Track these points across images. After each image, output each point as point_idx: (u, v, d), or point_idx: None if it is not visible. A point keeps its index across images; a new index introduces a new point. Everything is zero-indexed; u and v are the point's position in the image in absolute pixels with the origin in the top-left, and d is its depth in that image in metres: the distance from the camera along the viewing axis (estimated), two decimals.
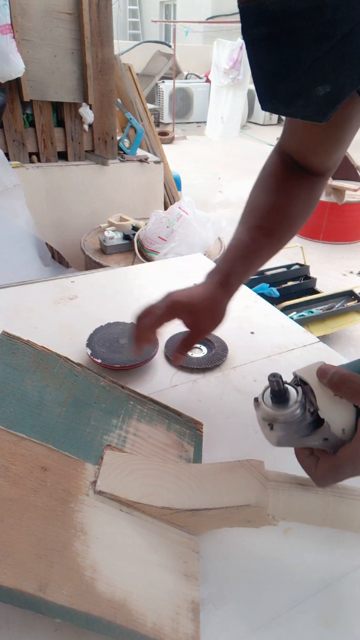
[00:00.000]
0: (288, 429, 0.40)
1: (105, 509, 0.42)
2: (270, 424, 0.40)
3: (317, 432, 0.39)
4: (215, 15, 9.79)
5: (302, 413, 0.40)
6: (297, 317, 2.33)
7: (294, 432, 0.40)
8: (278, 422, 0.40)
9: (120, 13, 10.92)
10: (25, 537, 0.37)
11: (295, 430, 0.40)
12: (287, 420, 0.40)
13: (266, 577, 0.45)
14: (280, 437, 0.40)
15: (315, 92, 0.38)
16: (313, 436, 0.40)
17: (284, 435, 0.40)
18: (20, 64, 1.86)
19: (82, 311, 0.88)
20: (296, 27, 0.34)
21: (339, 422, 0.39)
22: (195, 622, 0.39)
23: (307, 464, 0.42)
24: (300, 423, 0.40)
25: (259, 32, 0.36)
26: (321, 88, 0.37)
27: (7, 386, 0.52)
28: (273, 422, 0.40)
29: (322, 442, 0.40)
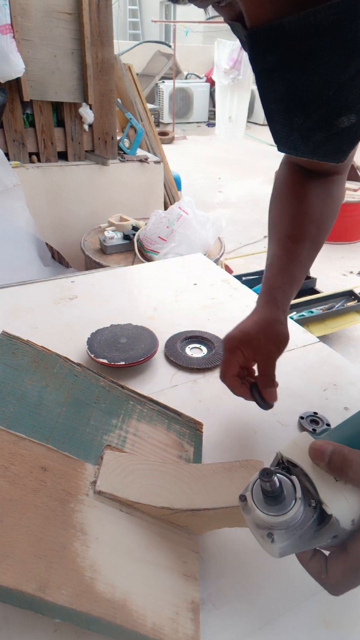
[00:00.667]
0: (291, 536, 0.32)
1: (105, 509, 0.42)
2: (269, 534, 0.32)
3: (324, 530, 0.32)
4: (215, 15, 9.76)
5: (303, 511, 0.32)
6: (297, 317, 2.33)
7: (298, 538, 0.32)
8: (278, 529, 0.32)
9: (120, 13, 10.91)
10: (25, 537, 0.37)
11: (300, 536, 0.32)
12: (288, 526, 0.32)
13: (266, 577, 0.45)
14: (284, 548, 0.32)
15: (338, 123, 0.33)
16: (320, 537, 0.32)
17: (288, 545, 0.32)
18: (20, 64, 1.86)
19: (82, 311, 0.88)
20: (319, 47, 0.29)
21: (349, 513, 0.32)
22: (195, 622, 0.39)
23: (315, 568, 0.34)
24: (304, 525, 0.32)
25: (274, 60, 0.31)
26: (345, 119, 0.33)
27: (7, 386, 0.52)
28: (271, 530, 0.32)
29: (331, 541, 0.33)
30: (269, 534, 0.32)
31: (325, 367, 0.76)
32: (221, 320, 0.87)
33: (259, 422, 0.63)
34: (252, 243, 3.77)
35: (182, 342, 0.79)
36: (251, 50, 0.31)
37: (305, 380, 0.73)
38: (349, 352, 2.41)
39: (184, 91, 8.14)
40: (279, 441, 0.61)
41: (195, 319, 0.87)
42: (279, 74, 0.31)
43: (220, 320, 0.87)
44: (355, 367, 0.76)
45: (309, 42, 0.29)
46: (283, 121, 0.34)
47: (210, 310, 0.90)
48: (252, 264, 3.16)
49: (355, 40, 0.29)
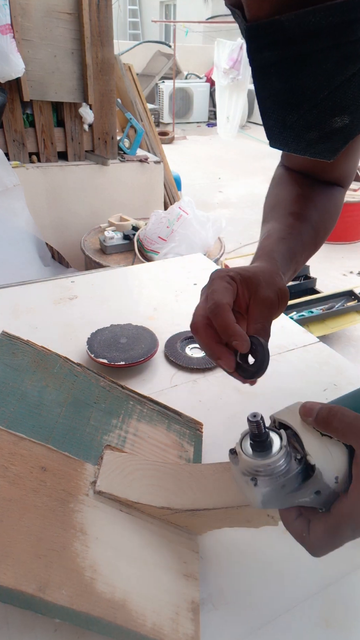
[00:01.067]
0: (274, 483, 0.33)
1: (105, 509, 0.42)
2: (253, 478, 0.33)
3: (308, 484, 0.33)
4: (215, 15, 9.79)
5: (288, 461, 0.33)
6: (297, 317, 2.33)
7: (280, 487, 0.33)
8: (262, 475, 0.33)
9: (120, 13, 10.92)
10: (24, 537, 0.37)
11: (282, 484, 0.33)
12: (272, 472, 0.33)
13: (266, 577, 0.45)
14: (266, 494, 0.33)
15: (331, 123, 0.33)
16: (303, 490, 0.33)
17: (270, 491, 0.33)
18: (20, 64, 1.86)
19: (82, 311, 0.88)
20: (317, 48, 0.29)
21: (332, 467, 0.33)
22: (195, 622, 0.39)
23: (297, 529, 0.34)
24: (288, 474, 0.33)
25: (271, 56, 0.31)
26: (339, 119, 0.33)
27: (7, 386, 0.52)
28: (256, 475, 0.33)
29: (314, 497, 0.33)
30: (252, 478, 0.34)
31: (325, 367, 0.76)
32: None
33: None
34: (252, 243, 3.77)
35: (182, 342, 0.79)
36: (248, 44, 0.31)
37: (305, 380, 0.73)
38: (349, 352, 2.41)
39: (184, 91, 8.14)
40: None
41: None
42: (275, 70, 0.31)
43: None
44: (355, 367, 0.76)
45: (307, 42, 0.29)
46: (277, 118, 0.34)
47: None
48: None
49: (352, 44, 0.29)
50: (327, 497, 0.33)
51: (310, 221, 0.55)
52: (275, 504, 0.34)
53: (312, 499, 0.33)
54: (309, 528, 0.34)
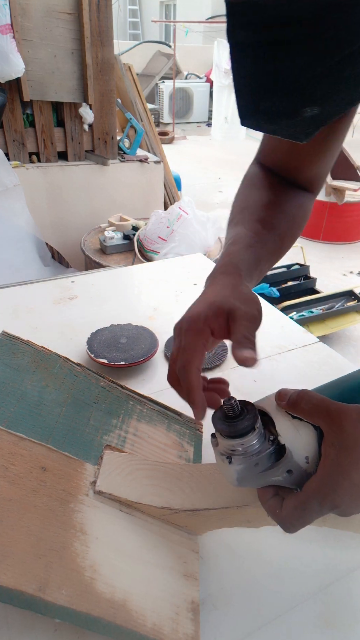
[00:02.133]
0: (248, 462, 0.35)
1: (105, 509, 0.42)
2: (228, 456, 0.36)
3: (279, 463, 0.35)
4: (215, 15, 9.79)
5: (262, 442, 0.36)
6: (297, 317, 2.33)
7: (254, 465, 0.35)
8: (236, 454, 0.36)
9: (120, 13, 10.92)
10: (24, 537, 0.37)
11: (255, 463, 0.35)
12: (246, 451, 0.35)
13: (266, 577, 0.45)
14: (240, 472, 0.35)
15: (302, 112, 0.33)
16: (275, 469, 0.35)
17: (244, 469, 0.35)
18: (20, 64, 1.86)
19: (82, 311, 0.88)
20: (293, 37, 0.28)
21: (302, 448, 0.35)
22: (195, 622, 0.39)
23: (272, 506, 0.36)
24: (260, 453, 0.35)
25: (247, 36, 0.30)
26: (309, 109, 0.33)
27: (7, 386, 0.52)
28: (231, 454, 0.36)
29: (286, 476, 0.35)
30: (227, 457, 0.36)
31: (325, 367, 0.76)
32: None
33: None
34: None
35: None
36: (228, 19, 0.30)
37: (305, 380, 0.73)
38: (349, 352, 2.41)
39: (184, 91, 8.14)
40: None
41: None
42: (250, 52, 0.30)
43: None
44: (355, 367, 0.76)
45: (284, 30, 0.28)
46: (249, 99, 0.34)
47: None
48: None
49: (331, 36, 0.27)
50: (299, 477, 0.35)
51: (277, 229, 0.54)
52: (250, 482, 0.36)
53: (285, 477, 0.35)
54: (282, 505, 0.36)
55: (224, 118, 6.93)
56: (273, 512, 0.36)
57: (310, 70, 0.30)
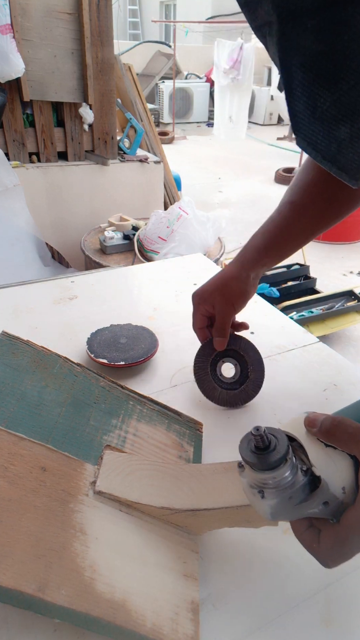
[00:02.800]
0: (281, 495, 0.33)
1: (105, 509, 0.42)
2: (260, 490, 0.34)
3: (315, 495, 0.33)
4: (215, 15, 9.79)
5: (294, 473, 0.34)
6: (297, 317, 2.33)
7: (288, 499, 0.33)
8: (269, 487, 0.33)
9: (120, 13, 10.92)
10: (24, 538, 0.37)
11: (289, 496, 0.33)
12: (278, 484, 0.33)
13: (266, 577, 0.45)
14: (274, 506, 0.33)
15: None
16: (311, 501, 0.33)
17: (278, 503, 0.33)
18: (20, 64, 1.86)
19: (82, 311, 0.88)
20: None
21: (338, 478, 0.33)
22: (194, 622, 0.39)
23: (308, 539, 0.34)
24: (294, 486, 0.33)
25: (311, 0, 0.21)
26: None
27: (7, 386, 0.52)
28: (263, 488, 0.34)
29: (322, 508, 0.33)
30: (259, 491, 0.34)
31: (325, 367, 0.76)
32: None
33: (259, 422, 0.63)
34: None
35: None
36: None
37: (305, 380, 0.73)
38: (349, 352, 2.41)
39: (184, 91, 8.14)
40: None
41: None
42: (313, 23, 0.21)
43: None
44: (355, 367, 0.76)
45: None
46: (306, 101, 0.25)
47: None
48: None
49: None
50: (336, 508, 0.33)
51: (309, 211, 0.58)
52: (285, 515, 0.34)
53: (321, 509, 0.33)
54: (319, 539, 0.33)
55: (229, 117, 6.92)
56: (310, 547, 0.34)
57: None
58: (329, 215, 0.61)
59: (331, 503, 0.33)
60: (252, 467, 0.34)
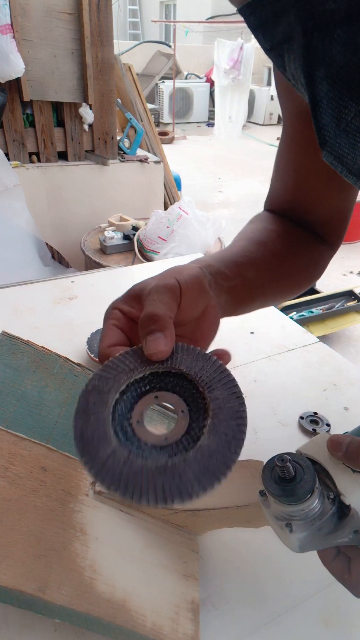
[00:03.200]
0: (310, 527, 0.31)
1: (105, 509, 0.42)
2: (288, 524, 0.32)
3: (344, 524, 0.31)
4: (215, 15, 9.79)
5: (322, 502, 0.31)
6: (297, 317, 2.33)
7: (317, 530, 0.31)
8: (296, 519, 0.31)
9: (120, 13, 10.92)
10: (24, 538, 0.37)
11: (319, 528, 0.31)
12: (307, 516, 0.31)
13: (266, 577, 0.45)
14: (303, 539, 0.32)
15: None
16: (340, 531, 0.31)
17: (307, 536, 0.31)
18: (20, 64, 1.86)
19: (82, 311, 0.88)
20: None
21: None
22: (194, 622, 0.39)
23: (338, 568, 0.33)
24: (322, 516, 0.31)
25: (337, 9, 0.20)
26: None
27: (7, 386, 0.52)
28: (290, 520, 0.32)
29: (353, 537, 0.31)
30: (287, 524, 0.32)
31: (325, 367, 0.76)
32: (221, 320, 0.87)
33: (259, 422, 0.63)
34: None
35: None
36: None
37: (305, 380, 0.73)
38: (349, 352, 2.41)
39: (184, 91, 8.14)
40: (279, 441, 0.61)
41: None
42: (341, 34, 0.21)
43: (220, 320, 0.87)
44: (355, 367, 0.76)
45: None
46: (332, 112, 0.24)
47: None
48: None
49: None
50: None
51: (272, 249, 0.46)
52: (313, 546, 0.33)
53: (351, 538, 0.32)
54: (349, 567, 0.32)
55: (228, 117, 6.93)
56: (340, 577, 0.33)
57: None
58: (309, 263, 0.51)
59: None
60: (278, 499, 0.32)
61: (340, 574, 0.32)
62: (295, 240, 0.50)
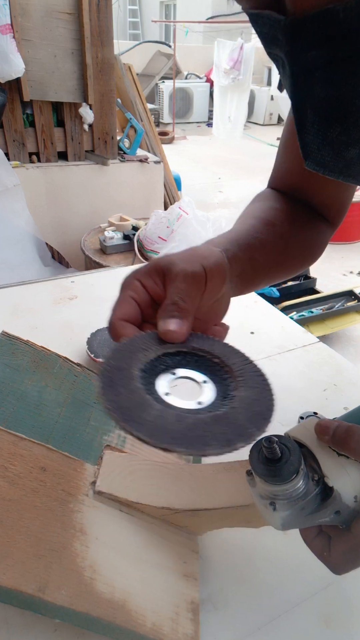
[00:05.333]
0: (294, 506, 0.32)
1: (105, 509, 0.42)
2: (272, 502, 0.33)
3: (327, 504, 0.33)
4: (215, 15, 9.79)
5: (306, 483, 0.32)
6: (297, 317, 2.33)
7: (300, 510, 0.33)
8: (280, 498, 0.32)
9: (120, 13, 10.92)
10: (24, 538, 0.37)
11: (302, 507, 0.32)
12: (290, 496, 0.32)
13: (266, 577, 0.45)
14: (286, 518, 0.33)
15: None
16: (322, 511, 0.33)
17: (290, 515, 0.33)
18: (20, 64, 1.86)
19: (82, 311, 0.88)
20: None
21: (350, 488, 0.32)
22: (194, 622, 0.39)
23: (318, 547, 0.34)
24: (306, 496, 0.32)
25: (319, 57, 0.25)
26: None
27: (7, 386, 0.52)
28: (274, 499, 0.33)
29: (334, 517, 0.33)
30: (271, 503, 0.33)
31: (325, 367, 0.76)
32: None
33: None
34: None
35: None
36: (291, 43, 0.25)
37: (305, 380, 0.73)
38: (349, 352, 2.41)
39: (184, 91, 8.14)
40: None
41: None
42: (321, 74, 0.26)
43: None
44: (355, 367, 0.76)
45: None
46: (316, 132, 0.29)
47: None
48: None
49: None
50: (347, 516, 0.33)
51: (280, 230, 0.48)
52: (295, 525, 0.34)
53: (332, 518, 0.33)
54: (329, 546, 0.33)
55: (228, 117, 6.93)
56: (320, 554, 0.34)
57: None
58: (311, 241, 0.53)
59: (343, 512, 0.33)
60: (264, 479, 0.33)
61: (320, 552, 0.34)
62: (300, 221, 0.51)
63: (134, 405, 0.28)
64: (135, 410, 0.27)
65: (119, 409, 0.27)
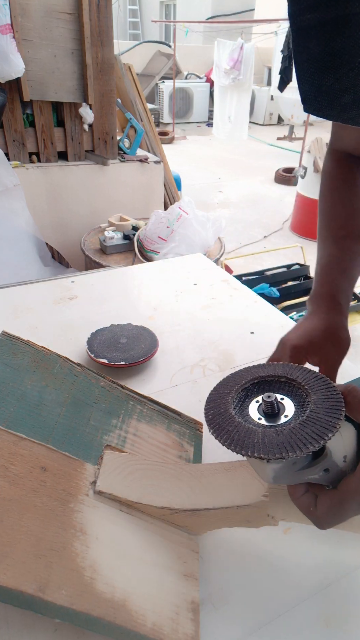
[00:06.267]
0: (285, 461, 0.34)
1: (105, 509, 0.42)
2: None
3: (317, 462, 0.34)
4: (215, 15, 9.80)
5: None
6: (297, 317, 2.33)
7: (292, 464, 0.34)
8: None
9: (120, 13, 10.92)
10: (24, 537, 0.37)
11: (293, 462, 0.34)
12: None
13: (266, 577, 0.45)
14: (278, 471, 0.34)
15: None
16: (312, 468, 0.34)
17: (281, 468, 0.34)
18: (20, 64, 1.87)
19: (82, 311, 0.88)
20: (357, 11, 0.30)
21: (341, 447, 0.34)
22: (194, 622, 0.39)
23: (305, 503, 0.36)
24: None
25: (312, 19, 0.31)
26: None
27: (7, 386, 0.52)
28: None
29: (323, 475, 0.35)
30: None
31: None
32: (221, 320, 0.87)
33: None
34: (252, 243, 3.77)
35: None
36: (292, 6, 0.32)
37: None
38: (349, 352, 2.41)
39: (184, 91, 8.14)
40: None
41: (195, 319, 0.87)
42: (315, 33, 0.31)
43: (220, 320, 0.87)
44: (355, 367, 0.76)
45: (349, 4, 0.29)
46: (312, 82, 0.34)
47: (210, 310, 0.90)
48: (252, 264, 3.15)
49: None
50: (335, 475, 0.35)
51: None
52: (285, 480, 0.35)
53: (321, 476, 0.35)
54: (315, 503, 0.36)
55: (227, 117, 6.92)
56: (307, 510, 0.36)
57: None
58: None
59: (331, 470, 0.35)
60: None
61: (307, 507, 0.36)
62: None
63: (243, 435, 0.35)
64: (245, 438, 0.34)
65: (234, 442, 0.34)
